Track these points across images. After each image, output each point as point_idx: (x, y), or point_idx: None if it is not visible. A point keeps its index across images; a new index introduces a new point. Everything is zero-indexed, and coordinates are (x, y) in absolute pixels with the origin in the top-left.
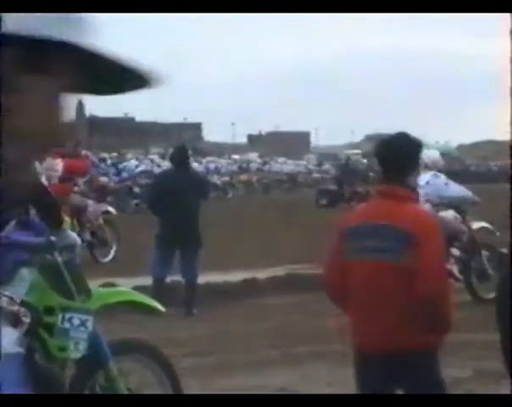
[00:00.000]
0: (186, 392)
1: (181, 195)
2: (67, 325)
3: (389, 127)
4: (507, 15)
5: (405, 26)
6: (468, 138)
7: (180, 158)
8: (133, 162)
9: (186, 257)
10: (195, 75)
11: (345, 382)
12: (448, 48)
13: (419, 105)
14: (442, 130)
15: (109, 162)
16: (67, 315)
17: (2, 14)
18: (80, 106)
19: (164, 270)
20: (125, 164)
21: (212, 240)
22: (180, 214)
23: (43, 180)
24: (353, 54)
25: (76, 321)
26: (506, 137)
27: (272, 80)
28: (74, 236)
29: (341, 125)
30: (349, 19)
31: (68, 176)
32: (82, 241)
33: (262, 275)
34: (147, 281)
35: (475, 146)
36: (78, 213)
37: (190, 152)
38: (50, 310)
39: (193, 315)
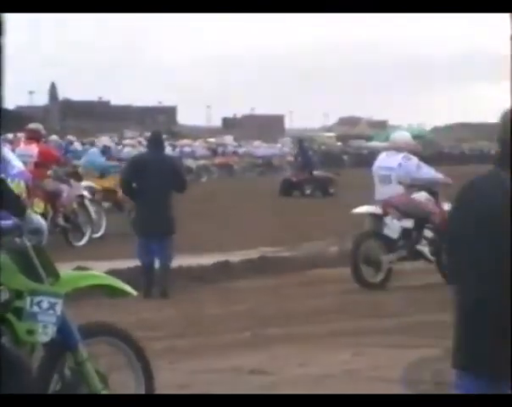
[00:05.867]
0: (157, 373)
1: (154, 179)
2: (36, 308)
3: (362, 110)
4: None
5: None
6: (441, 121)
7: (154, 143)
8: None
9: (160, 240)
10: (170, 59)
11: (315, 363)
12: (420, 32)
13: (392, 88)
14: (415, 112)
15: (80, 146)
16: (36, 299)
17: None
18: (54, 89)
19: (150, 255)
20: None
21: (185, 223)
22: (153, 198)
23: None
24: (326, 40)
25: (45, 305)
26: (479, 120)
27: (247, 63)
28: (40, 219)
29: (314, 108)
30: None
31: (42, 161)
32: (56, 225)
33: (235, 258)
34: (122, 264)
35: (449, 128)
36: (52, 198)
37: (165, 136)
38: (18, 294)
39: (167, 297)
